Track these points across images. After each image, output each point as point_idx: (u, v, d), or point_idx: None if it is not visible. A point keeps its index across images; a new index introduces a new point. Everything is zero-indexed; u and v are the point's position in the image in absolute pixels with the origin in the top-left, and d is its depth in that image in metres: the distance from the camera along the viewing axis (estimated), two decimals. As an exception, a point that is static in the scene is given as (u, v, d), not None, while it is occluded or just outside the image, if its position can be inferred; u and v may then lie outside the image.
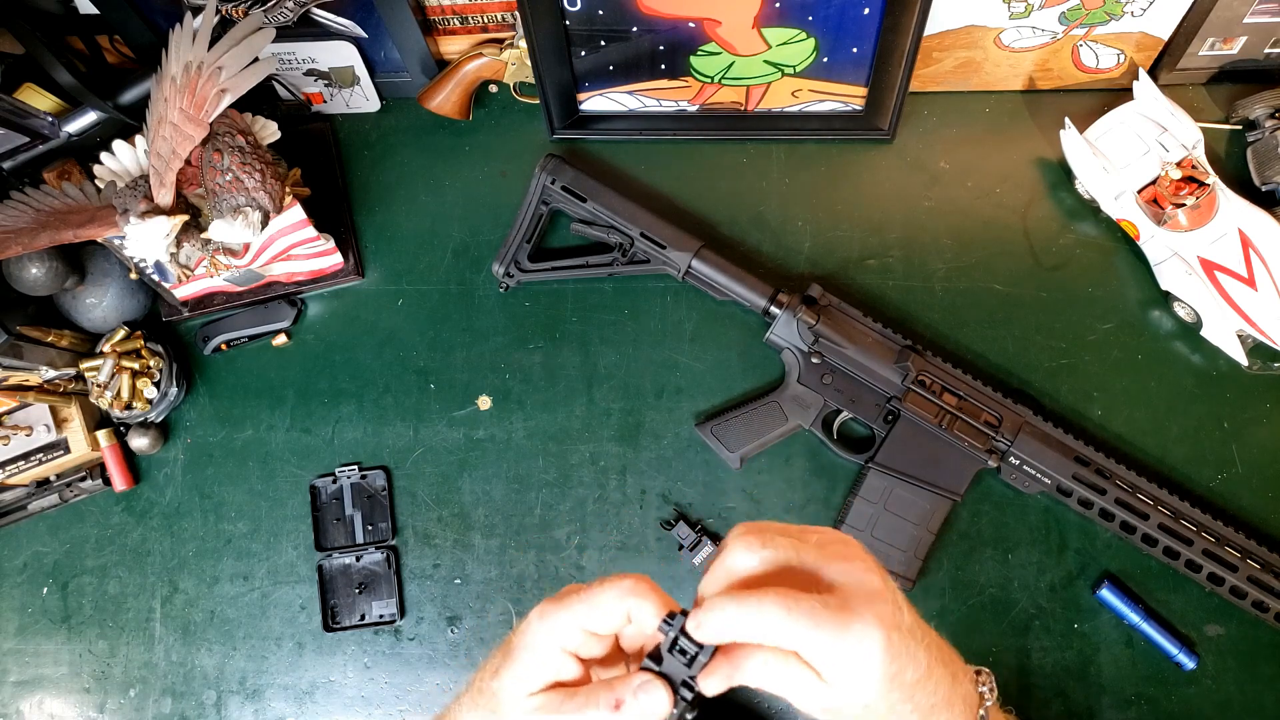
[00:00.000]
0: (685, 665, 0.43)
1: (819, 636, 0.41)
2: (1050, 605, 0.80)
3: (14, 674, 0.86)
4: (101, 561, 0.88)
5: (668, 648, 0.43)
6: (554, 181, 0.88)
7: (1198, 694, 0.78)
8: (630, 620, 0.44)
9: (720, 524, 0.84)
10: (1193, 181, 0.81)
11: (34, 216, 0.78)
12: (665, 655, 0.43)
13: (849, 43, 0.85)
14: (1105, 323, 0.87)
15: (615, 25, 0.84)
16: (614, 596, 0.44)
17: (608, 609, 0.44)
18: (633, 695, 0.43)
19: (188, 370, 0.91)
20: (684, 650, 0.43)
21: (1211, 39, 0.86)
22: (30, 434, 0.85)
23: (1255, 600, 0.76)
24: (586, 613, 0.44)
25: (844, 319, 0.83)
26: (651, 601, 0.44)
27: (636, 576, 0.44)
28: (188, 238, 0.76)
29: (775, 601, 0.41)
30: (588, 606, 0.44)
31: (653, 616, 0.43)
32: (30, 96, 0.81)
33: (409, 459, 0.88)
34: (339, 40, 0.89)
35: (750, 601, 0.41)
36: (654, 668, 0.43)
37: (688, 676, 0.43)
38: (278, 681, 0.84)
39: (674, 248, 0.86)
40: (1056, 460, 0.79)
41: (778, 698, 0.80)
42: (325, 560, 0.86)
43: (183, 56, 0.73)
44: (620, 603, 0.43)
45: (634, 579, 0.44)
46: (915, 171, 0.92)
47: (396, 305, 0.92)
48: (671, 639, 0.43)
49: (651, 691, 0.42)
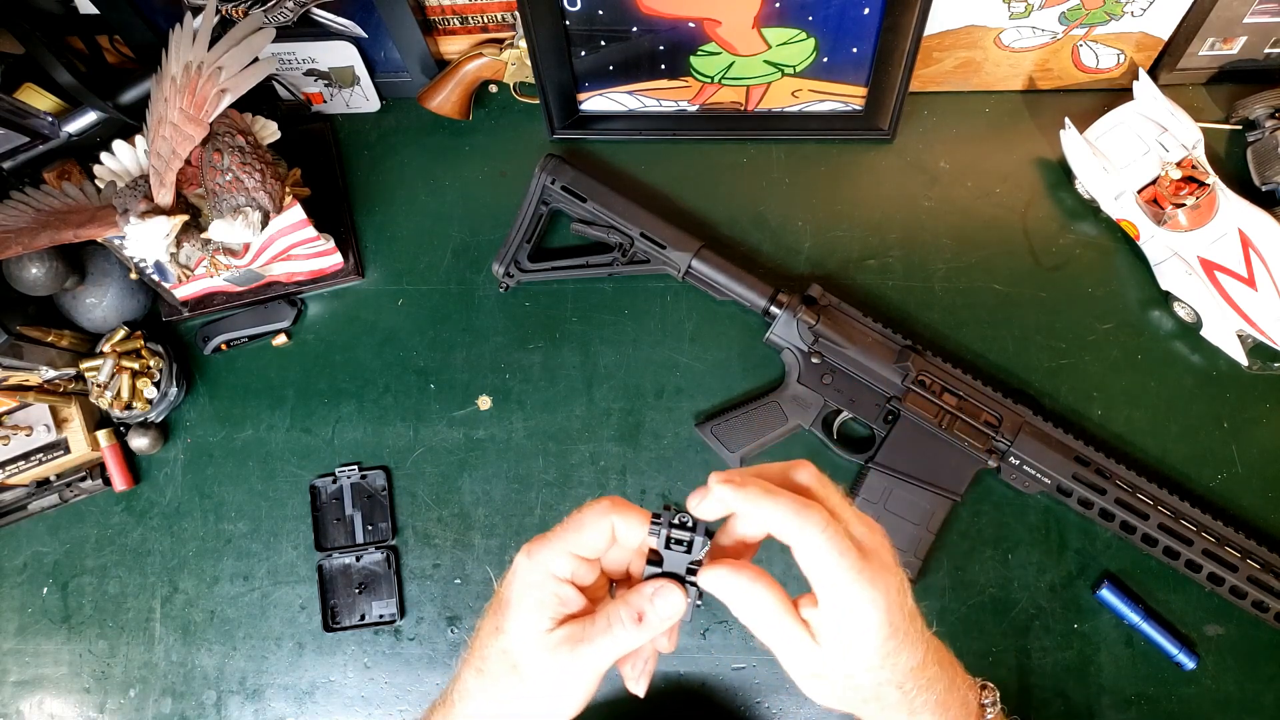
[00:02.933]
0: (684, 554, 0.44)
1: (829, 565, 0.41)
2: (1050, 605, 0.80)
3: (14, 674, 0.85)
4: (101, 561, 0.88)
5: (663, 545, 0.44)
6: (554, 181, 0.88)
7: (1198, 694, 0.78)
8: (615, 539, 0.44)
9: (720, 523, 0.83)
10: (1193, 181, 0.81)
11: (34, 216, 0.78)
12: (664, 553, 0.44)
13: (849, 43, 0.85)
14: (1105, 323, 0.87)
15: (615, 25, 0.84)
16: (597, 515, 0.44)
17: (593, 529, 0.44)
18: (650, 603, 0.43)
19: (188, 370, 0.91)
20: (680, 541, 0.44)
21: (1211, 39, 0.86)
22: (30, 434, 0.85)
23: (1255, 600, 0.76)
24: (574, 538, 0.44)
25: (844, 319, 0.83)
26: (633, 511, 0.44)
27: (611, 497, 0.45)
28: (188, 238, 0.76)
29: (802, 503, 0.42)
30: (573, 532, 0.44)
31: (639, 523, 0.44)
32: (30, 96, 0.81)
33: (409, 459, 0.88)
34: (339, 40, 0.89)
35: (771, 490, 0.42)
36: (658, 570, 0.44)
37: (690, 564, 0.44)
38: (278, 681, 0.84)
39: (674, 248, 0.86)
40: (1056, 460, 0.79)
41: (776, 700, 0.80)
42: (325, 560, 0.86)
43: (183, 56, 0.73)
44: (604, 519, 0.44)
45: (609, 498, 0.44)
46: (915, 171, 0.92)
47: (396, 305, 0.92)
48: (665, 535, 0.43)
49: (667, 593, 0.43)
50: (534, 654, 0.44)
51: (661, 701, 0.81)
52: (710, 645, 0.81)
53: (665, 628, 0.44)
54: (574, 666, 0.43)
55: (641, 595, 0.43)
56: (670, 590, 0.43)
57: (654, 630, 0.43)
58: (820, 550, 0.41)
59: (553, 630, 0.44)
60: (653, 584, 0.43)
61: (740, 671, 0.81)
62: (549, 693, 0.44)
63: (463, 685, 0.47)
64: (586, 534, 0.44)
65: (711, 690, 0.81)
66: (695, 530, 0.44)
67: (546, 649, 0.43)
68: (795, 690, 0.79)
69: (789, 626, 0.43)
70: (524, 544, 0.45)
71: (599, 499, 0.45)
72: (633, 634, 0.43)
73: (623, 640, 0.43)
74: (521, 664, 0.44)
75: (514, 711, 0.45)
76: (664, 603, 0.43)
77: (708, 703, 0.81)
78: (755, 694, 0.80)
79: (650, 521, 0.44)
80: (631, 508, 0.44)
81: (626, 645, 0.43)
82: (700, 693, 0.81)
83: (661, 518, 0.44)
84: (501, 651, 0.45)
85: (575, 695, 0.44)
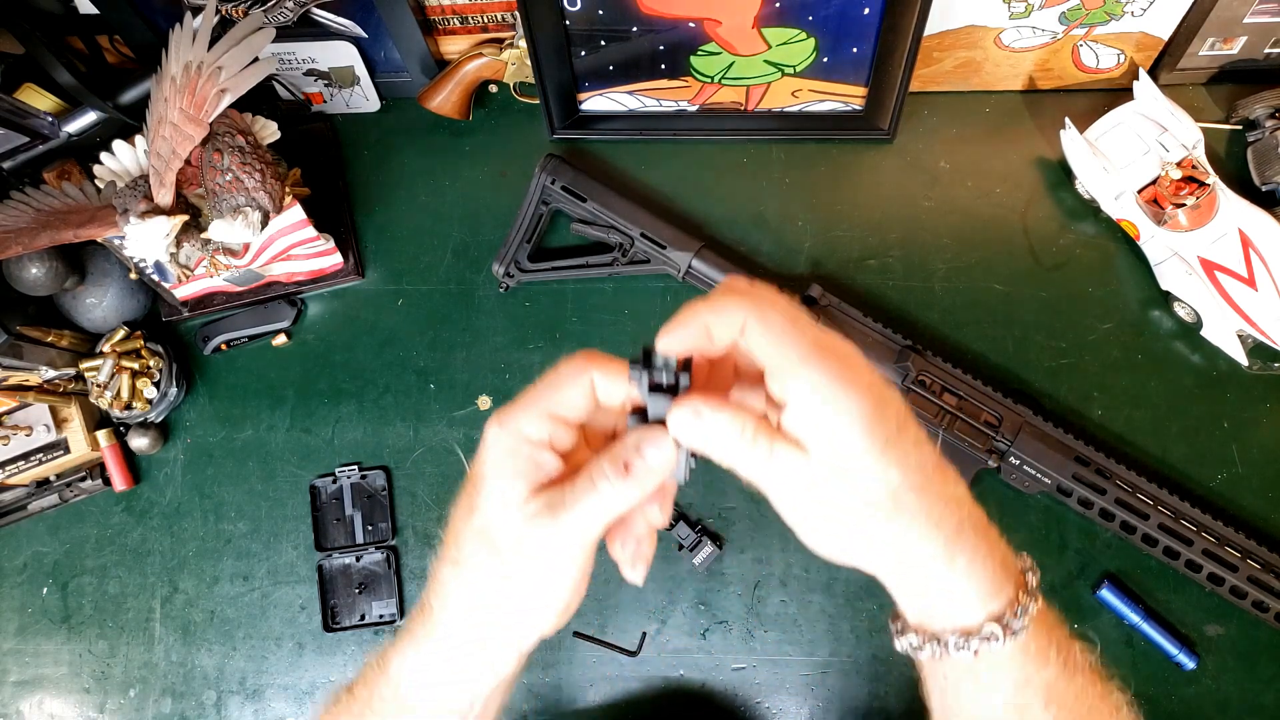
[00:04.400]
0: (669, 397, 0.38)
1: (781, 336, 0.36)
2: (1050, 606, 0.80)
3: (14, 674, 0.85)
4: (101, 561, 0.88)
5: (646, 390, 0.38)
6: (554, 181, 0.88)
7: (1198, 694, 0.78)
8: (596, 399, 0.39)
9: (720, 524, 0.84)
10: (1193, 181, 0.81)
11: (34, 216, 0.78)
12: (648, 400, 0.39)
13: (849, 43, 0.85)
14: (1105, 323, 0.87)
15: (615, 25, 0.84)
16: (573, 370, 0.39)
17: (569, 384, 0.39)
18: (636, 452, 0.38)
19: (187, 370, 0.91)
20: (662, 385, 0.38)
21: (1211, 39, 0.86)
22: (30, 434, 0.85)
23: (1255, 600, 0.76)
24: (549, 395, 0.39)
25: (844, 319, 0.83)
26: (614, 362, 0.39)
27: (587, 351, 0.40)
28: (187, 238, 0.76)
29: (751, 302, 0.37)
30: (548, 390, 0.39)
31: (618, 374, 0.39)
32: (30, 96, 0.81)
33: (409, 459, 0.88)
34: (339, 40, 0.89)
35: (723, 299, 0.37)
36: (643, 421, 0.39)
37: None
38: (278, 682, 0.84)
39: (674, 247, 0.86)
40: (1056, 460, 0.79)
41: (776, 700, 0.79)
42: (325, 560, 0.85)
43: (182, 56, 0.73)
44: (581, 374, 0.39)
45: (585, 351, 0.39)
46: (915, 171, 0.92)
47: (396, 305, 0.92)
48: (647, 379, 0.38)
49: (654, 439, 0.38)
50: (511, 528, 0.38)
51: (661, 702, 0.81)
52: (710, 646, 0.81)
53: (656, 481, 0.38)
54: (558, 537, 0.38)
55: (626, 445, 0.38)
56: (658, 435, 0.38)
57: (643, 484, 0.38)
58: (768, 325, 0.36)
59: (531, 499, 0.38)
60: (637, 432, 0.38)
61: (740, 672, 0.81)
62: (534, 573, 0.39)
63: (439, 585, 0.42)
64: (563, 391, 0.39)
65: (711, 691, 0.81)
66: (681, 371, 0.38)
67: (524, 519, 0.38)
68: (796, 689, 0.79)
69: (768, 439, 0.37)
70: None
71: (574, 353, 0.39)
72: (620, 490, 0.38)
73: (609, 498, 0.38)
74: (499, 542, 0.39)
75: (498, 603, 0.40)
76: (652, 450, 0.38)
77: (707, 704, 0.81)
78: (755, 694, 0.80)
79: (630, 368, 0.39)
80: (611, 359, 0.39)
81: (614, 505, 0.38)
82: (700, 693, 0.81)
83: (640, 360, 0.38)
84: (476, 532, 0.39)
85: (564, 575, 0.39)
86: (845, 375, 0.36)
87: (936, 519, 0.38)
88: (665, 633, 0.82)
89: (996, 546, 0.40)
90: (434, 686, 0.43)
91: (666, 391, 0.38)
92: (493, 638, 0.41)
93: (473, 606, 0.41)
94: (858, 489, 0.37)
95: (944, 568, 0.38)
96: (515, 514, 0.38)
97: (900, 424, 0.37)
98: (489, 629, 0.41)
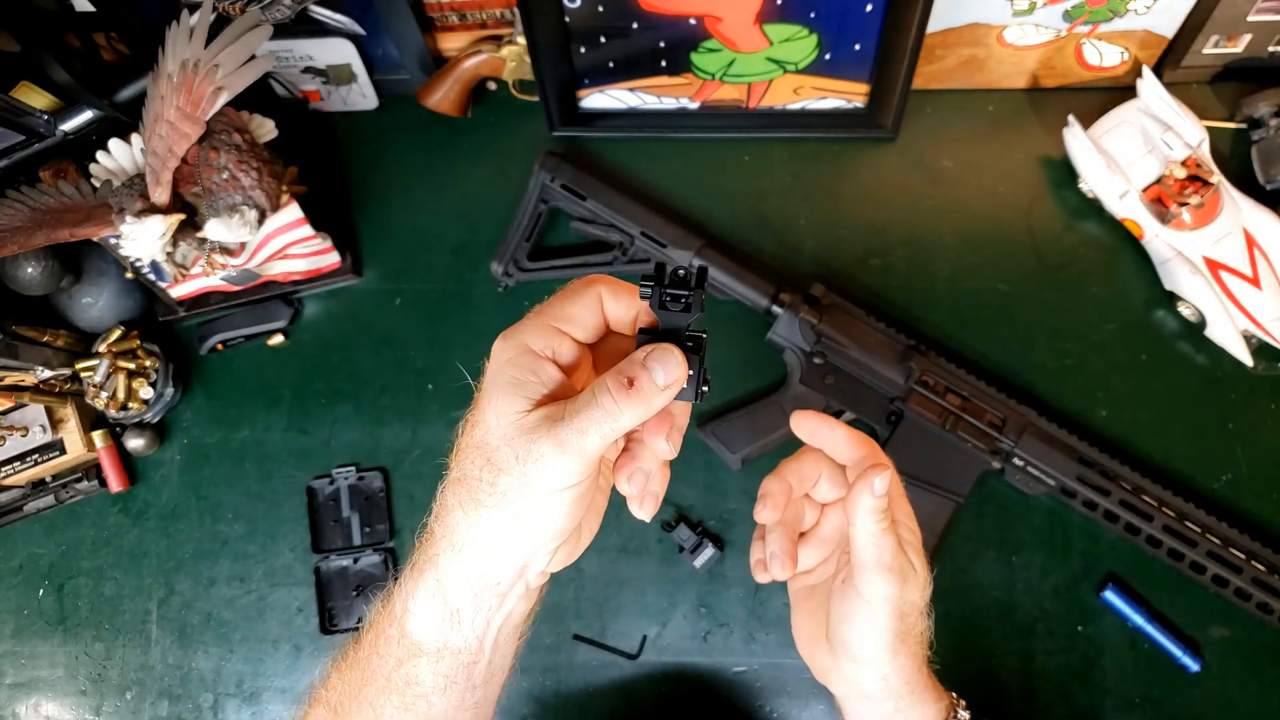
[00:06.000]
0: (683, 312, 0.36)
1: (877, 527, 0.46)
2: (1054, 608, 0.80)
3: (10, 676, 0.85)
4: (97, 563, 0.87)
5: (658, 304, 0.36)
6: (553, 179, 0.87)
7: (1202, 696, 0.77)
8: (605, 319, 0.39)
9: (721, 526, 0.83)
10: (1197, 180, 0.80)
11: (30, 215, 0.77)
12: (659, 314, 0.37)
13: (851, 39, 0.84)
14: (1109, 323, 0.86)
15: (615, 21, 0.83)
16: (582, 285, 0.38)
17: (577, 298, 0.38)
18: (643, 367, 0.36)
19: (184, 370, 0.90)
20: (676, 298, 0.36)
21: (1216, 37, 0.86)
22: (25, 435, 0.84)
23: (1260, 602, 0.75)
24: (556, 308, 0.38)
25: (847, 319, 0.83)
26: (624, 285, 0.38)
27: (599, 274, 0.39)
28: (184, 237, 0.76)
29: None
30: (555, 303, 0.38)
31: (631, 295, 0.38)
32: (26, 94, 0.81)
33: (407, 460, 0.87)
34: (337, 37, 0.88)
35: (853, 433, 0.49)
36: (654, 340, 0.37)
37: (688, 325, 0.37)
38: (275, 684, 0.83)
39: (675, 246, 0.85)
40: (1061, 461, 0.78)
41: (778, 704, 0.79)
42: (322, 562, 0.85)
43: (179, 54, 0.72)
44: (590, 289, 0.38)
45: (591, 275, 0.39)
46: (918, 170, 0.92)
47: (394, 304, 0.91)
48: (660, 295, 0.36)
49: (662, 354, 0.36)
50: (509, 440, 0.37)
51: (662, 706, 0.80)
52: (711, 648, 0.81)
53: (662, 400, 0.37)
54: (555, 450, 0.36)
55: (632, 360, 0.36)
56: (666, 351, 0.36)
57: (649, 403, 0.36)
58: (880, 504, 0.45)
59: (530, 412, 0.37)
60: (645, 347, 0.36)
61: (741, 674, 0.80)
62: (529, 486, 0.37)
63: (442, 506, 0.41)
64: (571, 304, 0.38)
65: (712, 693, 0.80)
66: (696, 286, 0.36)
67: (522, 432, 0.37)
68: (796, 693, 0.79)
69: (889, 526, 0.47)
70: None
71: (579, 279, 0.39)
72: (624, 407, 0.36)
73: (612, 415, 0.36)
74: (497, 454, 0.37)
75: (496, 519, 0.38)
76: (660, 365, 0.36)
77: (708, 707, 0.80)
78: (757, 697, 0.80)
79: (641, 284, 0.37)
80: (623, 283, 0.38)
81: (617, 422, 0.36)
82: (700, 696, 0.80)
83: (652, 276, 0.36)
84: (475, 446, 0.38)
85: (565, 493, 0.38)
86: (894, 563, 0.47)
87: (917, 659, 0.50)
88: (666, 635, 0.81)
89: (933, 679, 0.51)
90: (439, 620, 0.41)
91: (680, 307, 0.36)
92: (499, 560, 0.40)
93: (475, 524, 0.39)
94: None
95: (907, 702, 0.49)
96: (512, 426, 0.37)
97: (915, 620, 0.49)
98: (493, 551, 0.40)
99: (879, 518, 0.45)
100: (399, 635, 0.42)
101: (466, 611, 0.41)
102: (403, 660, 0.42)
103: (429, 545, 0.42)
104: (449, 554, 0.40)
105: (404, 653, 0.42)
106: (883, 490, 0.44)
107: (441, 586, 0.41)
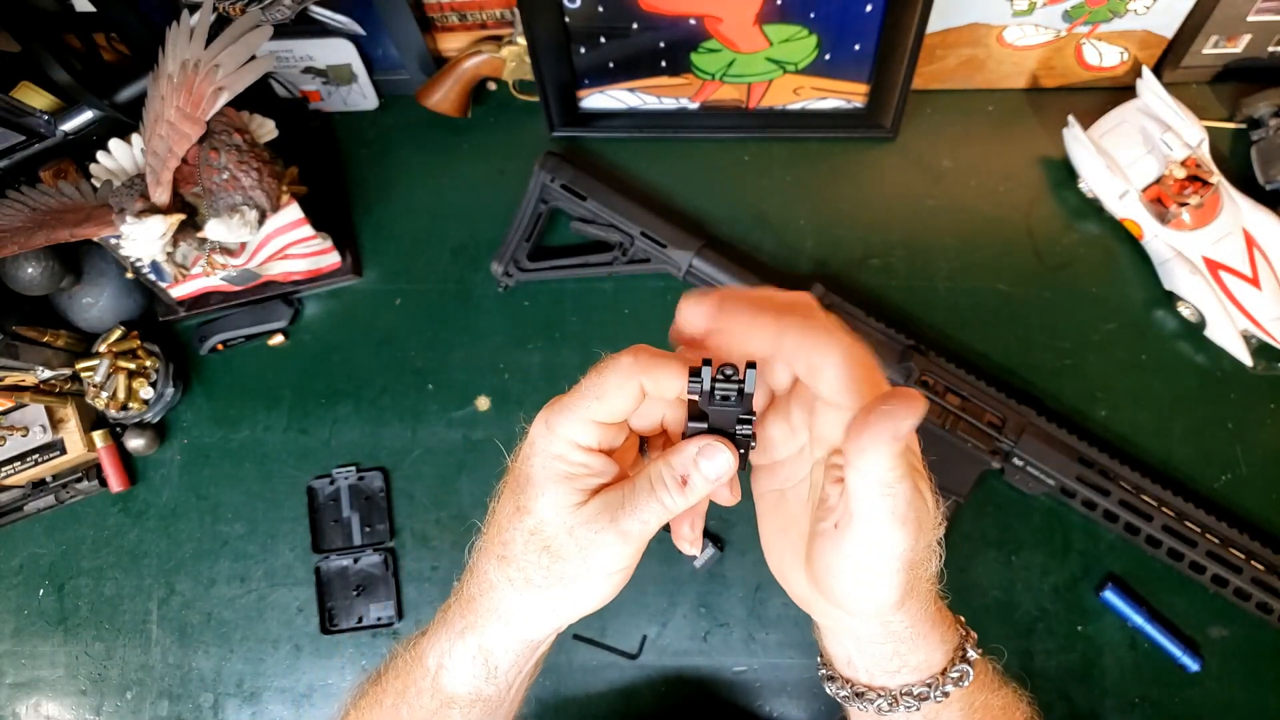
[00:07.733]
0: (734, 407, 0.37)
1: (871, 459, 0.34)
2: (1054, 607, 0.80)
3: (10, 676, 0.85)
4: (98, 563, 0.87)
5: (707, 403, 0.37)
6: (553, 179, 0.88)
7: (1202, 696, 0.77)
8: (645, 397, 0.38)
9: (721, 525, 0.83)
10: (1197, 180, 0.80)
11: (30, 215, 0.77)
12: (709, 410, 0.37)
13: (851, 40, 0.84)
14: (1109, 323, 0.86)
15: (615, 22, 0.83)
16: (621, 377, 0.37)
17: (616, 394, 0.38)
18: (694, 466, 0.38)
19: (184, 370, 0.90)
20: (726, 396, 0.37)
21: (1215, 37, 0.86)
22: (26, 435, 0.85)
23: (1260, 602, 0.75)
24: (595, 407, 0.38)
25: (846, 319, 0.83)
26: (664, 364, 0.37)
27: (634, 348, 0.38)
28: (184, 237, 0.76)
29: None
30: (594, 401, 0.38)
31: (673, 377, 0.37)
32: (26, 94, 0.81)
33: (407, 460, 0.87)
34: (337, 38, 0.88)
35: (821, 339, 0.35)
36: (702, 427, 0.38)
37: (740, 416, 0.37)
38: (275, 684, 0.83)
39: (675, 246, 0.85)
40: (1060, 461, 0.78)
41: (778, 704, 0.79)
42: (322, 562, 0.85)
43: (179, 54, 0.72)
44: (629, 380, 0.37)
45: (630, 353, 0.37)
46: (918, 170, 0.92)
47: (394, 305, 0.91)
48: (709, 389, 0.36)
49: (714, 453, 0.38)
50: (568, 531, 0.39)
51: (662, 706, 0.80)
52: (711, 648, 0.81)
53: (709, 490, 0.39)
54: (617, 540, 0.39)
55: (685, 456, 0.38)
56: (717, 448, 0.38)
57: (700, 495, 0.39)
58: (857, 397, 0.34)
59: (585, 503, 0.39)
60: (696, 442, 0.38)
61: (741, 674, 0.80)
62: (590, 572, 0.40)
63: (482, 578, 0.42)
64: (610, 400, 0.38)
65: (712, 693, 0.80)
66: (744, 382, 0.36)
67: (583, 523, 0.39)
68: (796, 693, 0.79)
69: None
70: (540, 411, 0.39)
71: (620, 354, 0.38)
72: (678, 500, 0.38)
73: (668, 506, 0.39)
74: (554, 544, 0.39)
75: (548, 598, 0.41)
76: (710, 465, 0.38)
77: (708, 707, 0.80)
78: (756, 697, 0.80)
79: (689, 378, 0.37)
80: (661, 359, 0.37)
81: (672, 512, 0.39)
82: (700, 696, 0.80)
83: (703, 371, 0.36)
84: (529, 533, 0.40)
85: (617, 571, 0.41)
86: (910, 513, 0.36)
87: (925, 598, 0.43)
88: (666, 635, 0.81)
89: (943, 613, 0.45)
90: (475, 676, 0.44)
91: (731, 400, 0.37)
92: (544, 627, 0.43)
93: (523, 602, 0.42)
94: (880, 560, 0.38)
95: (909, 645, 0.43)
96: (571, 518, 0.39)
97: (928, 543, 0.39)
98: (540, 623, 0.43)
99: (896, 463, 0.33)
100: (432, 689, 0.45)
101: (504, 668, 0.44)
102: (435, 711, 0.45)
103: (468, 611, 0.44)
104: (495, 625, 0.43)
105: (436, 704, 0.45)
106: (910, 430, 0.32)
107: (483, 650, 0.44)
